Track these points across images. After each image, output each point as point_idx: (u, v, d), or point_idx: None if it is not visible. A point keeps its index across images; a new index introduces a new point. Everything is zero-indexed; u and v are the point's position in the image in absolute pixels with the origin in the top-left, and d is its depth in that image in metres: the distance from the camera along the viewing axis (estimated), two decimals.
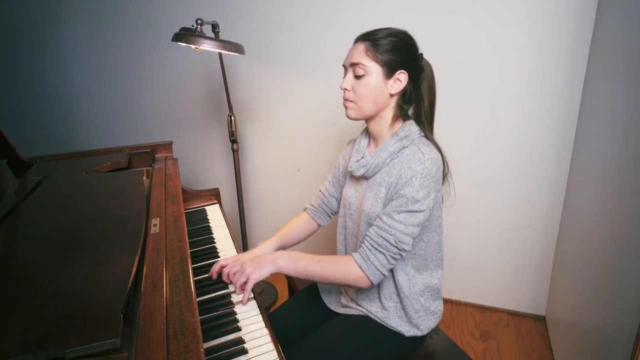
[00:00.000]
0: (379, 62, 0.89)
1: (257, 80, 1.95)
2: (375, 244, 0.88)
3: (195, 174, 2.27)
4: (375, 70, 0.89)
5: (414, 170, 0.86)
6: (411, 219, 0.86)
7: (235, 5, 1.86)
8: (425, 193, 0.85)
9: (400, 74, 0.90)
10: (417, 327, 0.98)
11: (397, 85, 0.91)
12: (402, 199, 0.86)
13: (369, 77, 0.89)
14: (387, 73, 0.89)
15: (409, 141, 0.91)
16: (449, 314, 1.85)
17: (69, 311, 0.56)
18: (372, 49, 0.89)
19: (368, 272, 0.88)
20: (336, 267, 0.91)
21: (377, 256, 0.88)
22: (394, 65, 0.89)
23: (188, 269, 0.79)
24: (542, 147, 1.57)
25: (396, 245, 0.86)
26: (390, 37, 0.89)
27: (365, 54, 0.89)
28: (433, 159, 0.87)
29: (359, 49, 0.91)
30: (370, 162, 0.93)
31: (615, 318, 1.01)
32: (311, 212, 1.17)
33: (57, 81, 2.36)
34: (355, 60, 0.90)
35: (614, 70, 1.16)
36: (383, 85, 0.90)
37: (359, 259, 0.89)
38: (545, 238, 1.68)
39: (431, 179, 0.86)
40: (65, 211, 0.92)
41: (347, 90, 0.93)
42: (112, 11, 2.12)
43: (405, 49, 0.91)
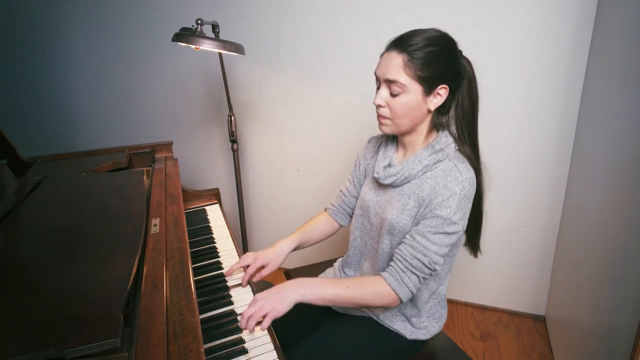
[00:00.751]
0: (419, 79, 0.81)
1: (257, 80, 1.95)
2: (409, 265, 0.84)
3: (195, 174, 2.27)
4: (414, 89, 0.81)
5: (451, 190, 0.81)
6: (446, 239, 0.83)
7: (235, 5, 1.86)
8: (462, 214, 0.83)
9: (442, 89, 0.83)
10: (419, 331, 0.97)
11: (437, 100, 0.84)
12: (437, 220, 0.82)
13: (407, 95, 0.82)
14: (427, 90, 0.82)
15: (444, 155, 0.86)
16: (449, 314, 1.85)
17: (69, 311, 0.56)
18: (411, 64, 0.80)
19: (401, 294, 0.84)
20: (368, 291, 0.85)
21: (411, 278, 0.84)
22: (435, 81, 0.82)
23: (188, 269, 0.79)
24: (542, 147, 1.57)
25: (429, 266, 0.83)
26: (431, 47, 0.80)
27: (402, 70, 0.80)
28: (470, 178, 0.83)
29: (395, 62, 0.81)
30: (401, 172, 0.88)
31: (615, 318, 1.01)
32: (332, 212, 1.14)
33: (57, 81, 2.36)
34: (391, 77, 0.82)
35: (614, 70, 1.16)
36: (422, 103, 0.84)
37: (392, 281, 0.84)
38: (545, 238, 1.68)
39: (468, 200, 0.83)
40: (65, 211, 0.92)
41: (382, 107, 0.86)
42: (112, 11, 2.12)
43: (448, 60, 0.82)
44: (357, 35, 1.68)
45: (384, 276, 0.86)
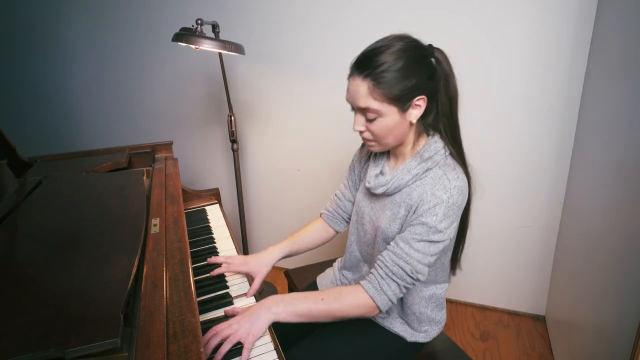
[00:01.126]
0: (390, 101, 0.76)
1: (257, 80, 1.95)
2: (389, 272, 0.80)
3: (195, 174, 2.27)
4: (389, 110, 0.77)
5: (438, 197, 0.78)
6: (430, 248, 0.80)
7: (235, 5, 1.86)
8: (449, 223, 0.79)
9: (419, 100, 0.79)
10: (419, 334, 0.97)
11: (416, 112, 0.80)
12: (422, 227, 0.79)
13: (384, 118, 0.79)
14: (402, 107, 0.78)
15: (433, 163, 0.83)
16: (449, 314, 1.85)
17: (69, 311, 0.56)
18: (378, 88, 0.76)
19: (379, 302, 0.81)
20: (343, 303, 0.82)
21: (391, 285, 0.81)
22: (409, 96, 0.77)
23: (188, 269, 0.79)
24: (542, 147, 1.57)
25: (411, 275, 0.80)
26: (395, 65, 0.75)
27: (371, 96, 0.77)
28: (460, 187, 0.80)
29: (362, 90, 0.77)
30: (392, 182, 0.85)
31: (615, 318, 1.01)
32: (327, 217, 1.11)
33: (57, 81, 2.36)
34: (361, 104, 0.78)
35: (614, 70, 1.16)
36: (401, 119, 0.80)
37: (370, 289, 0.81)
38: (545, 238, 1.68)
39: (456, 208, 0.80)
40: (65, 211, 0.92)
41: (363, 132, 0.83)
42: (112, 11, 2.12)
43: (417, 71, 0.77)
44: (357, 35, 1.68)
45: (362, 284, 0.83)
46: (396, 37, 0.80)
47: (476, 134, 1.64)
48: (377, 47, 0.78)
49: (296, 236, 1.09)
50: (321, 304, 0.81)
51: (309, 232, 1.10)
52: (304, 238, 1.09)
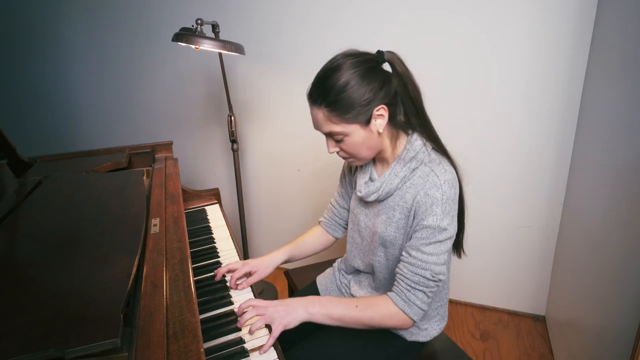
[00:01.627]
0: (351, 120, 0.78)
1: (257, 80, 1.95)
2: (412, 283, 0.81)
3: (195, 174, 2.27)
4: (352, 129, 0.79)
5: (432, 197, 0.79)
6: (441, 247, 0.81)
7: (235, 5, 1.86)
8: (450, 218, 0.80)
9: (379, 110, 0.79)
10: (420, 333, 0.97)
11: (381, 121, 0.81)
12: (427, 230, 0.80)
13: (351, 137, 0.81)
14: (364, 122, 0.79)
15: (418, 162, 0.84)
16: (449, 314, 1.85)
17: (69, 311, 0.56)
18: (333, 113, 0.78)
19: (411, 314, 0.82)
20: (376, 312, 0.83)
21: (418, 295, 0.81)
22: (367, 110, 0.78)
23: (188, 269, 0.79)
24: (542, 147, 1.57)
25: (433, 278, 0.80)
26: (344, 86, 0.76)
27: (330, 121, 0.79)
28: (449, 180, 0.81)
29: (320, 117, 0.80)
30: (382, 188, 0.86)
31: (615, 318, 1.02)
32: (325, 225, 1.13)
33: (57, 81, 2.36)
34: (324, 130, 0.82)
35: (614, 70, 1.16)
36: (368, 133, 0.81)
37: (400, 302, 0.82)
38: (545, 238, 1.68)
39: (452, 202, 0.81)
40: (65, 211, 0.92)
41: (337, 152, 0.86)
42: (112, 11, 2.12)
43: (368, 84, 0.77)
44: (357, 35, 1.68)
45: (390, 296, 0.84)
46: (341, 56, 0.81)
47: (476, 134, 1.65)
48: (324, 72, 0.81)
49: (297, 241, 1.11)
50: (355, 310, 0.83)
51: (310, 238, 1.13)
52: (305, 244, 1.11)
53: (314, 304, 0.83)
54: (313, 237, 1.13)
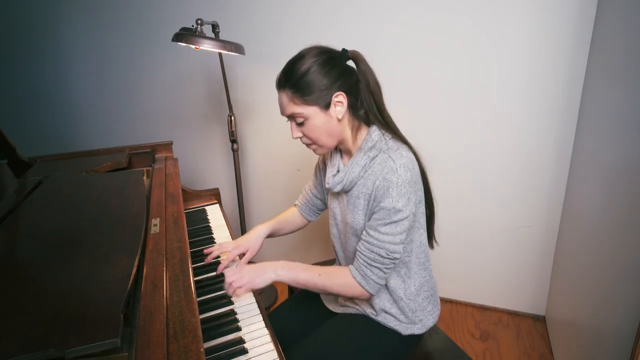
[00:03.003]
0: (310, 102, 0.86)
1: (257, 80, 1.95)
2: (369, 259, 0.88)
3: (195, 174, 2.27)
4: (312, 111, 0.87)
5: (389, 180, 0.84)
6: (396, 228, 0.86)
7: (235, 5, 1.86)
8: (405, 200, 0.84)
9: (337, 96, 0.87)
10: (414, 326, 0.98)
11: (340, 108, 0.88)
12: (383, 212, 0.85)
13: (311, 120, 0.88)
14: (324, 106, 0.87)
15: (376, 150, 0.89)
16: (449, 314, 1.85)
17: (69, 311, 0.56)
18: (296, 94, 0.86)
19: (367, 287, 0.89)
20: (335, 282, 0.92)
21: (373, 271, 0.88)
22: (326, 94, 0.86)
23: (188, 269, 0.79)
24: (542, 147, 1.57)
25: (388, 256, 0.87)
26: (306, 71, 0.85)
27: (292, 102, 0.87)
28: (404, 164, 0.85)
29: (284, 99, 0.88)
30: (345, 178, 0.92)
31: (616, 318, 1.02)
32: (300, 209, 1.21)
33: (57, 81, 2.36)
34: (287, 112, 0.89)
35: (614, 70, 1.16)
36: (328, 118, 0.88)
37: (357, 276, 0.90)
38: (545, 238, 1.68)
39: (407, 185, 0.84)
40: (65, 211, 0.92)
41: (301, 138, 0.93)
42: (112, 11, 2.12)
43: (327, 72, 0.86)
44: (357, 35, 1.68)
45: (350, 269, 0.92)
46: (307, 48, 0.90)
47: (476, 134, 1.65)
48: (290, 61, 0.90)
49: (280, 218, 1.19)
50: (318, 278, 0.92)
51: (291, 216, 1.21)
52: (287, 221, 1.20)
53: (282, 267, 0.93)
54: (293, 216, 1.21)
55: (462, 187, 1.74)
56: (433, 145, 1.71)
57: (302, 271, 0.93)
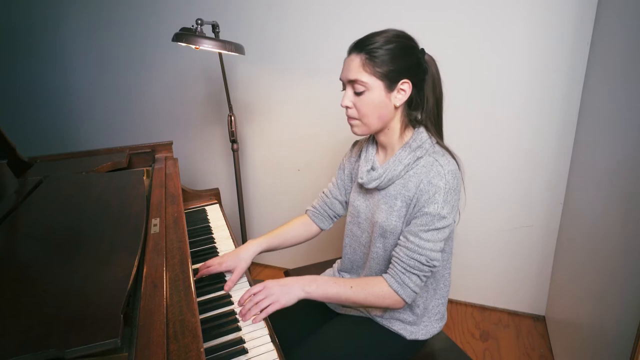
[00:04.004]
0: (379, 76, 0.82)
1: (257, 80, 1.95)
2: (407, 266, 0.84)
3: (195, 174, 2.27)
4: (376, 85, 0.83)
5: (435, 185, 0.82)
6: (438, 235, 0.83)
7: (235, 5, 1.86)
8: (450, 208, 0.83)
9: (404, 84, 0.84)
10: (419, 332, 0.97)
11: (401, 96, 0.85)
12: (427, 217, 0.82)
13: (370, 93, 0.84)
14: (389, 86, 0.84)
15: (423, 151, 0.86)
16: (449, 314, 1.85)
17: (69, 311, 0.56)
18: (370, 62, 0.82)
19: (404, 295, 0.85)
20: (370, 292, 0.86)
21: (412, 278, 0.85)
22: (396, 76, 0.83)
23: (188, 269, 0.79)
24: (542, 147, 1.57)
25: (427, 263, 0.84)
26: (387, 45, 0.82)
27: (362, 68, 0.83)
28: (452, 171, 0.83)
29: (355, 62, 0.84)
30: (384, 175, 0.88)
31: (616, 318, 1.01)
32: (312, 214, 1.13)
33: (57, 81, 2.36)
34: (352, 76, 0.84)
35: (614, 70, 1.16)
36: (386, 99, 0.84)
37: (394, 283, 0.85)
38: (545, 238, 1.68)
39: (454, 192, 0.83)
40: (65, 211, 0.92)
41: (349, 108, 0.87)
42: (112, 11, 2.12)
43: (406, 56, 0.84)
44: (357, 35, 1.68)
45: (385, 278, 0.87)
46: (392, 29, 0.87)
47: (476, 134, 1.65)
48: (374, 32, 0.86)
49: (277, 232, 1.10)
50: (350, 291, 0.87)
51: (292, 229, 1.12)
52: (286, 234, 1.10)
53: (310, 283, 0.87)
54: (294, 227, 1.12)
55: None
56: None
57: (332, 285, 0.87)
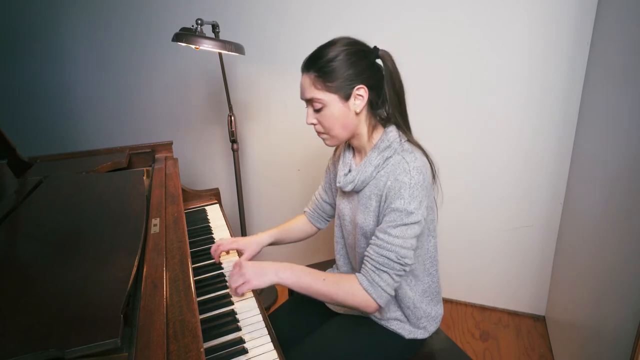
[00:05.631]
0: (332, 90, 0.84)
1: (257, 80, 1.95)
2: (377, 264, 0.84)
3: (195, 174, 2.27)
4: (332, 99, 0.85)
5: (400, 181, 0.83)
6: (408, 231, 0.83)
7: (235, 5, 1.86)
8: (417, 203, 0.82)
9: (359, 90, 0.85)
10: (417, 330, 0.98)
11: (359, 102, 0.86)
12: (395, 213, 0.83)
13: (328, 107, 0.86)
14: (344, 96, 0.85)
15: (391, 151, 0.88)
16: (449, 314, 1.85)
17: (69, 311, 0.56)
18: (320, 79, 0.85)
19: (375, 295, 0.84)
20: (341, 288, 0.86)
21: (382, 276, 0.84)
22: (349, 85, 0.85)
23: (188, 269, 0.79)
24: (542, 146, 1.57)
25: (398, 261, 0.83)
26: (334, 58, 0.84)
27: (314, 87, 0.86)
28: (418, 167, 0.84)
29: (307, 82, 0.87)
30: (357, 177, 0.90)
31: (615, 318, 1.02)
32: (309, 216, 1.19)
33: (57, 81, 2.36)
34: (308, 96, 0.87)
35: (614, 70, 1.16)
36: (345, 109, 0.86)
37: (364, 282, 0.85)
38: (545, 238, 1.68)
39: (420, 188, 0.83)
40: (65, 211, 0.92)
41: (314, 124, 0.91)
42: (112, 11, 2.12)
43: (355, 62, 0.85)
44: (357, 35, 1.68)
45: (357, 276, 0.87)
46: (339, 37, 0.89)
47: (476, 134, 1.65)
48: (320, 46, 0.89)
49: (284, 227, 1.17)
50: (322, 283, 0.87)
51: (296, 225, 1.19)
52: (291, 230, 1.18)
53: (285, 269, 0.88)
54: (299, 224, 1.19)
55: (462, 187, 1.74)
56: (433, 145, 1.69)
57: (305, 275, 0.88)
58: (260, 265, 0.89)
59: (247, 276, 0.87)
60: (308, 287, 0.88)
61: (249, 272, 0.88)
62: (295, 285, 0.88)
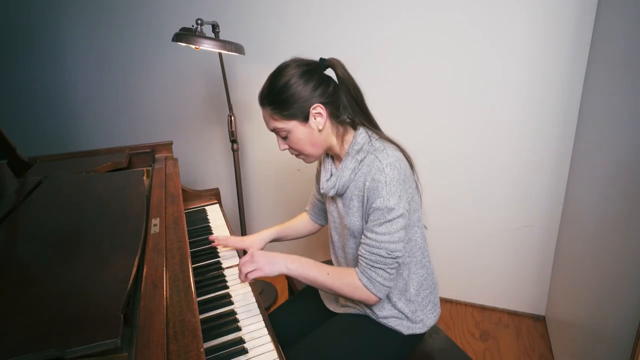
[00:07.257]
0: (290, 117, 0.88)
1: (257, 81, 1.94)
2: (371, 262, 0.88)
3: (195, 174, 2.27)
4: (292, 125, 0.89)
5: (377, 180, 0.85)
6: (393, 226, 0.86)
7: (235, 5, 1.86)
8: (397, 198, 0.85)
9: (315, 108, 0.88)
10: (416, 326, 0.98)
11: (320, 119, 0.89)
12: (377, 212, 0.86)
13: (292, 133, 0.90)
14: (303, 119, 0.89)
15: (364, 153, 0.90)
16: (449, 314, 1.85)
17: (69, 311, 0.56)
18: (275, 110, 0.89)
19: (374, 290, 0.88)
20: (344, 282, 0.91)
21: (378, 272, 0.88)
22: (304, 108, 0.88)
23: (188, 269, 0.79)
24: (542, 147, 1.57)
25: (389, 256, 0.87)
26: (284, 86, 0.87)
27: (272, 118, 0.90)
28: (391, 163, 0.86)
29: (266, 115, 0.92)
30: (337, 182, 0.94)
31: (616, 318, 1.02)
32: (309, 214, 1.22)
33: (57, 81, 2.36)
34: (270, 127, 0.93)
35: (614, 70, 1.16)
36: (309, 130, 0.90)
37: (363, 278, 0.89)
38: (545, 238, 1.68)
39: (396, 182, 0.85)
40: (65, 211, 0.92)
41: (287, 149, 0.96)
42: (112, 11, 2.12)
43: (303, 85, 0.87)
44: (357, 35, 1.68)
45: (355, 271, 0.91)
46: (285, 62, 0.92)
47: (476, 134, 1.65)
48: (270, 77, 0.92)
49: (287, 224, 1.22)
50: (327, 277, 0.91)
51: (299, 222, 1.22)
52: (294, 227, 1.22)
53: (293, 261, 0.92)
54: (302, 222, 1.22)
55: (462, 187, 1.74)
56: (433, 145, 1.72)
57: (312, 268, 0.93)
58: (272, 255, 0.93)
59: (259, 264, 0.90)
60: (313, 280, 0.92)
61: (261, 261, 0.91)
62: (301, 277, 0.92)
